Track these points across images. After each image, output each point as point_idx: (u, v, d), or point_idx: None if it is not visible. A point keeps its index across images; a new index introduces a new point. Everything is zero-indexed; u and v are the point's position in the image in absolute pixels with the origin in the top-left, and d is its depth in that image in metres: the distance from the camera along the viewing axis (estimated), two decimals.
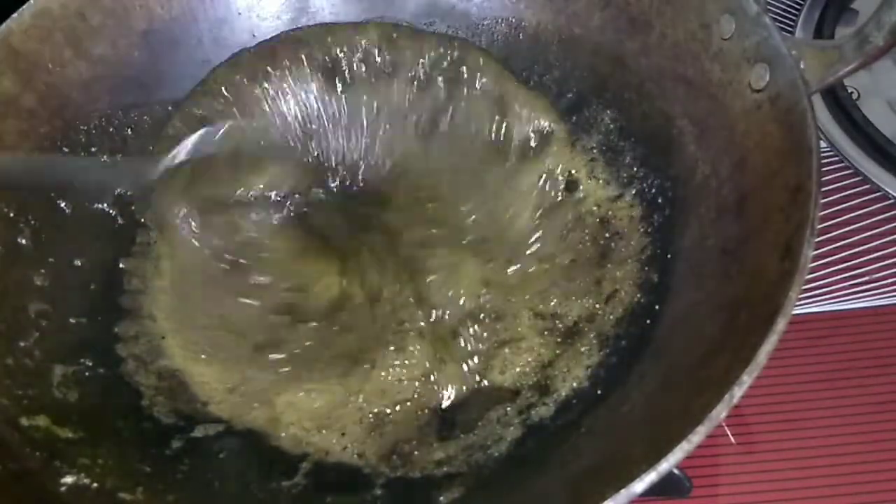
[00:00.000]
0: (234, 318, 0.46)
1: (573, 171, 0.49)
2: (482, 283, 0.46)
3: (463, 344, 0.44)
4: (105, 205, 0.46)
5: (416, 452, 0.41)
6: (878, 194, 0.54)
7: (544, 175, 0.49)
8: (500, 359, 0.44)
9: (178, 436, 0.41)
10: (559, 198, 0.49)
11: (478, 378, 0.43)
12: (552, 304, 0.45)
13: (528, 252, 0.47)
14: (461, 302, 0.46)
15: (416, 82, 0.51)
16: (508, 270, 0.47)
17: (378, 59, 0.51)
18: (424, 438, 0.42)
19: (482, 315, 0.45)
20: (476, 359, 0.44)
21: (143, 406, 0.42)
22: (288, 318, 0.46)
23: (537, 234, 0.48)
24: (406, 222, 0.49)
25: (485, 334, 0.45)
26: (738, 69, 0.39)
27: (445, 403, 0.43)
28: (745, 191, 0.38)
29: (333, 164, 0.51)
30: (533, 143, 0.50)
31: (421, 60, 0.50)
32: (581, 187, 0.49)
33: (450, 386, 0.43)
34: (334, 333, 0.45)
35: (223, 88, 0.49)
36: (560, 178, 0.49)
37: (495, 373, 0.44)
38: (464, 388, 0.43)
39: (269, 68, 0.49)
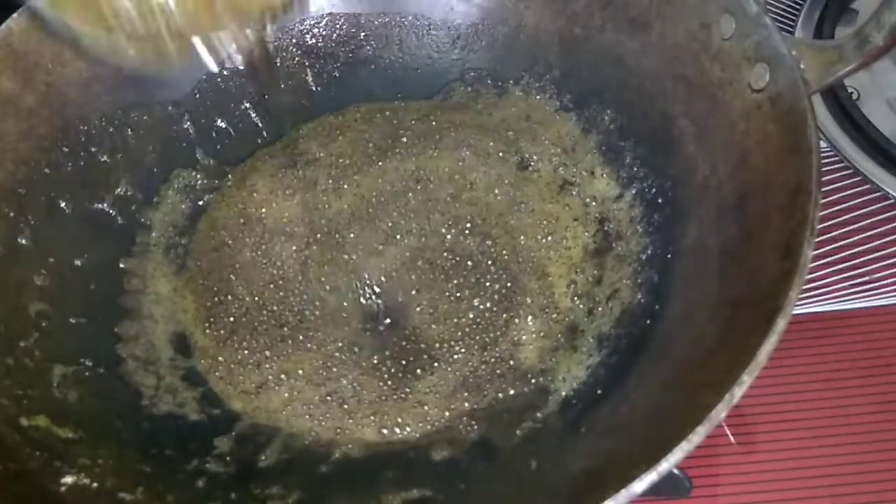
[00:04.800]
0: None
1: (573, 171, 0.49)
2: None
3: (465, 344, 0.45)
4: (105, 205, 0.46)
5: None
6: (878, 194, 0.53)
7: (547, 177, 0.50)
8: (496, 358, 0.44)
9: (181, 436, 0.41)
10: (559, 198, 0.49)
11: (475, 374, 0.44)
12: (548, 305, 0.45)
13: (528, 252, 0.47)
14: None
15: None
16: (502, 272, 0.47)
17: None
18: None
19: (484, 315, 0.45)
20: (473, 357, 0.44)
21: (143, 406, 0.42)
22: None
23: (538, 235, 0.48)
24: None
25: (479, 333, 0.45)
26: (738, 69, 0.39)
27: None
28: (745, 191, 0.38)
29: None
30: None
31: None
32: (581, 187, 0.49)
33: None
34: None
35: None
36: (560, 178, 0.50)
37: (493, 371, 0.44)
38: (460, 384, 0.43)
39: None
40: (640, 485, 0.27)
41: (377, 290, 0.47)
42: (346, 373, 0.44)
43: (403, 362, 0.44)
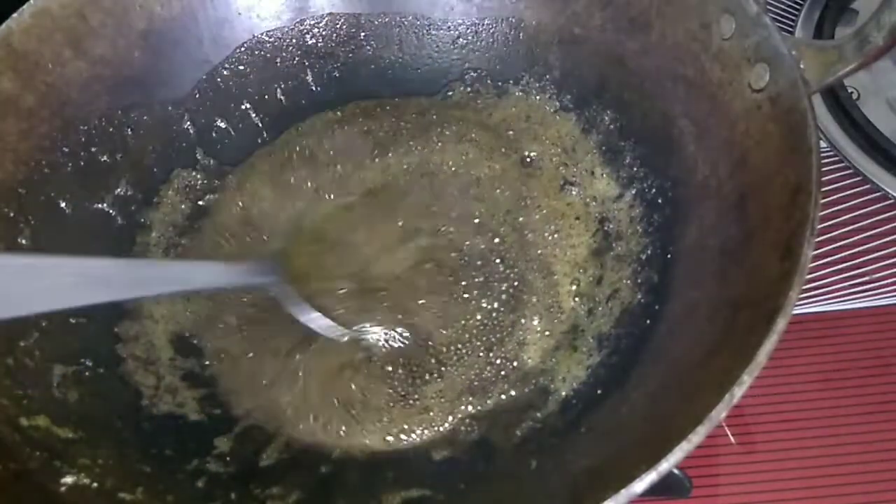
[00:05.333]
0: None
1: (574, 171, 0.49)
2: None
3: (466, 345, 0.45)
4: (105, 205, 0.46)
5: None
6: (878, 194, 0.53)
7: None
8: (502, 359, 0.44)
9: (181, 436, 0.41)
10: (561, 196, 0.49)
11: (481, 377, 0.44)
12: (553, 304, 0.45)
13: (535, 250, 0.47)
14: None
15: None
16: (510, 271, 0.47)
17: None
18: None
19: (484, 316, 0.45)
20: (479, 360, 0.44)
21: (143, 406, 0.42)
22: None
23: (545, 232, 0.48)
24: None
25: (486, 335, 0.45)
26: (738, 69, 0.39)
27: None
28: (744, 191, 0.38)
29: None
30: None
31: None
32: (581, 187, 0.49)
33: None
34: None
35: None
36: (560, 178, 0.50)
37: (497, 373, 0.44)
38: (466, 388, 0.43)
39: None
40: (640, 485, 0.27)
41: (387, 292, 0.46)
42: (358, 379, 0.44)
43: (413, 368, 0.44)
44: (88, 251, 0.45)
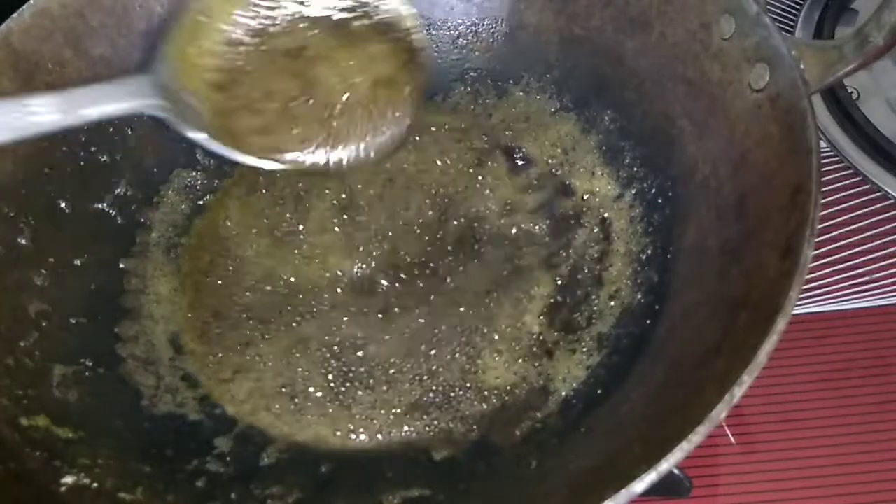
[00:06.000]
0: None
1: (573, 171, 0.49)
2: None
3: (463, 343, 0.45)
4: (105, 205, 0.46)
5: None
6: (878, 194, 0.54)
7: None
8: (501, 359, 0.44)
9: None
10: (559, 197, 0.49)
11: (479, 378, 0.44)
12: (553, 304, 0.45)
13: (528, 252, 0.47)
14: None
15: None
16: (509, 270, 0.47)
17: None
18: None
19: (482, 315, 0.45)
20: (477, 358, 0.44)
21: (143, 406, 0.42)
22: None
23: (538, 235, 0.48)
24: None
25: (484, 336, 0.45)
26: (738, 69, 0.39)
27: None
28: (744, 191, 0.38)
29: None
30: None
31: None
32: (581, 187, 0.49)
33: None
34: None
35: None
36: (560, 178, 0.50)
37: (497, 373, 0.44)
38: (466, 388, 0.43)
39: None
40: (640, 485, 0.27)
41: (385, 284, 0.47)
42: (303, 368, 0.44)
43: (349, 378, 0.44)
44: (88, 251, 0.45)
